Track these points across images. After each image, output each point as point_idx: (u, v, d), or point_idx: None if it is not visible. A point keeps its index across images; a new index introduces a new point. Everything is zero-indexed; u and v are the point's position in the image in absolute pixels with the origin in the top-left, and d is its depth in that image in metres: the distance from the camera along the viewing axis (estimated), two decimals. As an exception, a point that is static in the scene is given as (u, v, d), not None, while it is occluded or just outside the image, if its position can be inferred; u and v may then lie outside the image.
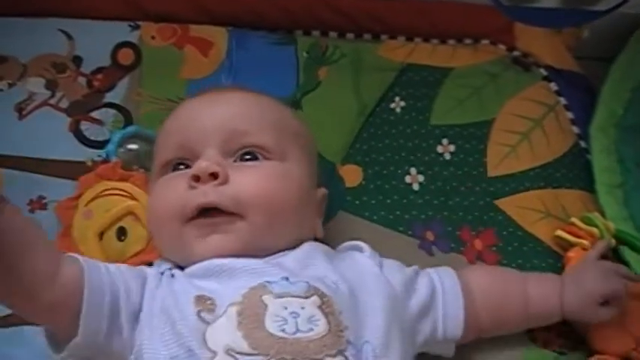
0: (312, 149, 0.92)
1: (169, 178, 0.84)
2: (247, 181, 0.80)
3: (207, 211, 0.79)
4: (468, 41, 1.21)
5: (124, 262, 0.93)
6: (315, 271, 0.78)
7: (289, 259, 0.80)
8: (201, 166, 0.80)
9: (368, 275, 0.81)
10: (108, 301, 0.73)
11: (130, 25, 1.16)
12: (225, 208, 0.78)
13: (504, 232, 1.01)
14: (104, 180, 0.99)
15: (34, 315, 0.75)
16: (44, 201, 0.99)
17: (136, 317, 0.75)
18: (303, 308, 0.71)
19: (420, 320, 0.82)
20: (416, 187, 1.05)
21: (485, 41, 1.21)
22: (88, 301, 0.72)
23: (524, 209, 1.04)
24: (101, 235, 0.96)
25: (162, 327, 0.73)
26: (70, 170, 1.01)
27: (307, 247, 0.82)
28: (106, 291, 0.74)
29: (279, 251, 0.81)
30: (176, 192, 0.81)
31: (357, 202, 1.03)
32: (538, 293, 0.89)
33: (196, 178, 0.80)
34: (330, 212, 0.97)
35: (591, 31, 1.20)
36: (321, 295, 0.73)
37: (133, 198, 0.97)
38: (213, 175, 0.79)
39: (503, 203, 1.04)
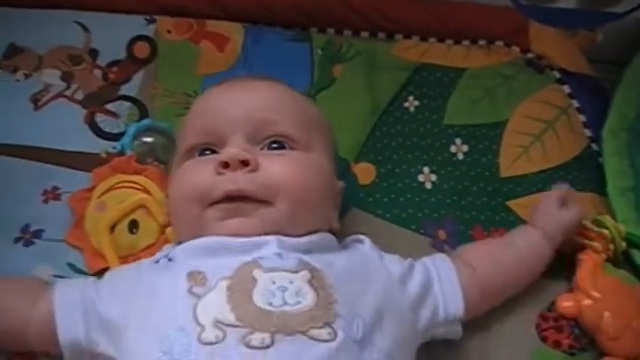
0: (332, 140, 0.93)
1: (196, 161, 0.85)
2: (277, 169, 0.80)
3: (232, 198, 0.79)
4: (482, 42, 1.21)
5: (134, 255, 0.94)
6: (311, 253, 0.78)
7: (293, 239, 0.80)
8: (231, 152, 0.80)
9: (367, 262, 0.82)
10: (81, 319, 0.79)
11: (145, 19, 1.17)
12: (254, 195, 0.79)
13: (516, 233, 1.02)
14: (118, 173, 0.99)
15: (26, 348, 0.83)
16: (58, 191, 0.99)
17: (110, 325, 0.78)
18: (291, 282, 0.72)
19: (419, 305, 0.82)
20: (429, 185, 1.05)
21: (499, 43, 1.21)
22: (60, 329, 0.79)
23: (536, 211, 1.04)
24: (113, 227, 0.96)
25: (151, 312, 0.74)
26: (85, 161, 1.01)
27: (315, 236, 0.82)
28: (77, 304, 0.80)
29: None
30: (202, 176, 0.81)
31: (370, 199, 1.03)
32: (519, 233, 0.94)
33: (225, 165, 0.80)
34: (343, 209, 0.97)
35: (605, 35, 1.20)
36: (312, 270, 0.74)
37: (146, 191, 0.98)
38: (244, 163, 0.80)
39: (514, 204, 1.04)
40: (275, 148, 0.84)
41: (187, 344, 0.69)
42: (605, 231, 0.98)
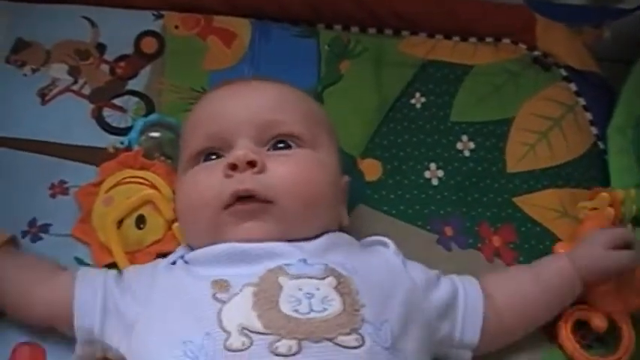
0: (336, 137, 0.93)
1: (203, 167, 0.85)
2: (284, 170, 0.81)
3: (242, 199, 0.80)
4: (489, 39, 1.21)
5: (141, 250, 0.95)
6: (334, 256, 0.79)
7: (311, 244, 0.80)
8: (239, 154, 0.81)
9: (390, 267, 0.82)
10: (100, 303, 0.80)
11: (153, 14, 1.17)
12: (262, 195, 0.79)
13: (523, 229, 1.02)
14: (126, 168, 0.99)
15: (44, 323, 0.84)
16: (66, 185, 0.99)
17: (125, 319, 0.78)
18: (318, 289, 0.72)
19: (439, 319, 0.82)
20: (435, 182, 1.05)
21: (506, 40, 1.21)
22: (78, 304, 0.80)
23: (542, 208, 1.04)
24: (120, 222, 0.96)
25: (174, 313, 0.74)
26: (92, 156, 1.01)
27: (331, 235, 0.83)
28: (98, 292, 0.81)
29: (306, 239, 0.81)
30: (211, 180, 0.82)
31: (376, 196, 1.03)
32: (545, 264, 0.90)
33: (233, 167, 0.80)
34: (350, 206, 0.96)
35: (612, 33, 1.20)
36: (338, 277, 0.74)
37: (153, 187, 0.98)
38: (251, 164, 0.80)
39: (521, 201, 1.05)
40: (281, 148, 0.84)
41: (213, 351, 0.69)
42: (616, 191, 1.00)
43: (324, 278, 0.73)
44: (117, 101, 1.08)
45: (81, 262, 0.94)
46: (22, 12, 1.13)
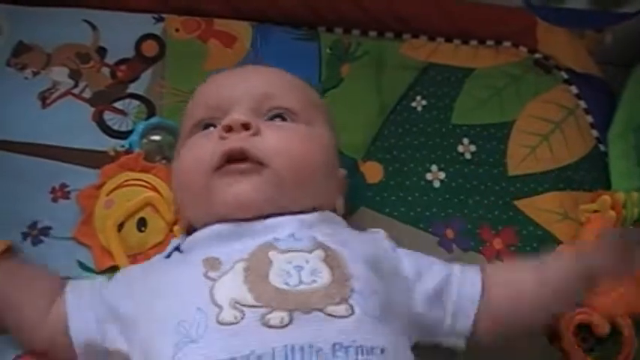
0: (334, 128, 0.93)
1: (199, 135, 0.86)
2: (278, 136, 0.82)
3: (235, 162, 0.80)
4: (490, 42, 1.21)
5: (143, 253, 0.95)
6: (324, 230, 0.79)
7: (301, 216, 0.80)
8: (234, 117, 0.82)
9: (379, 246, 0.83)
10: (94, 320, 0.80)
11: (154, 18, 1.17)
12: (254, 155, 0.79)
13: (524, 232, 1.02)
14: (126, 170, 0.99)
15: (36, 348, 0.84)
16: (67, 189, 0.99)
17: (122, 319, 0.78)
18: (307, 262, 0.73)
19: (426, 306, 0.81)
20: (436, 184, 1.05)
21: (507, 43, 1.21)
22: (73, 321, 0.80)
23: (543, 210, 1.04)
24: (122, 225, 0.96)
25: (169, 301, 0.74)
26: (93, 159, 1.01)
27: (323, 213, 0.83)
28: (87, 303, 0.81)
29: (297, 212, 0.81)
30: (206, 144, 0.82)
31: (378, 198, 1.03)
32: (551, 262, 0.85)
33: (228, 128, 0.81)
34: (352, 208, 0.97)
35: (613, 37, 1.20)
36: (326, 249, 0.75)
37: (154, 189, 0.98)
38: (245, 126, 0.81)
39: (522, 204, 1.05)
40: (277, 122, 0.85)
41: (205, 325, 0.69)
42: (618, 194, 1.00)
43: (312, 251, 0.74)
44: (118, 105, 1.08)
45: (82, 265, 0.94)
46: (23, 15, 1.13)
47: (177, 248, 0.83)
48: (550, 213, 1.04)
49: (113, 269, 0.93)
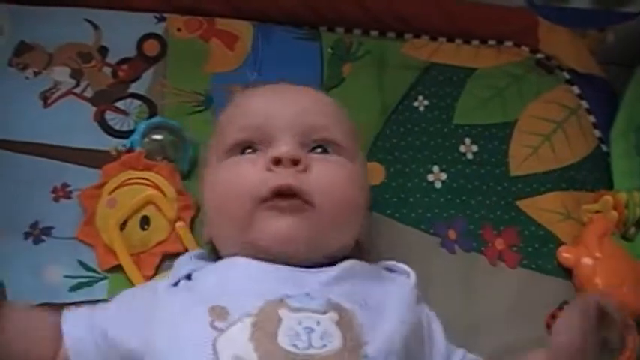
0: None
1: (240, 159, 0.83)
2: (326, 175, 0.79)
3: (281, 196, 0.77)
4: (491, 42, 1.21)
5: (146, 251, 0.95)
6: (344, 287, 0.76)
7: (321, 275, 0.77)
8: (282, 150, 0.79)
9: (404, 299, 0.79)
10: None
11: (155, 17, 1.16)
12: (304, 194, 0.77)
13: (526, 232, 1.02)
14: (128, 169, 0.99)
15: None
16: (68, 189, 0.99)
17: (128, 354, 0.76)
18: (318, 324, 0.70)
19: None
20: (438, 185, 1.05)
21: (508, 43, 1.21)
22: None
23: (545, 211, 1.04)
24: (125, 224, 0.96)
25: (173, 343, 0.72)
26: (95, 159, 1.01)
27: (349, 263, 0.79)
28: (88, 341, 0.78)
29: (324, 261, 0.78)
30: (251, 172, 0.79)
31: (380, 199, 1.03)
32: None
33: (277, 161, 0.78)
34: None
35: (616, 37, 1.20)
36: (340, 311, 0.71)
37: (156, 188, 0.98)
38: (294, 162, 0.79)
39: (524, 204, 1.04)
40: (320, 153, 0.83)
41: None
42: (620, 194, 1.00)
43: (325, 312, 0.71)
44: (119, 104, 1.08)
45: (84, 265, 0.94)
46: (25, 15, 1.13)
47: (187, 276, 0.80)
48: (552, 213, 1.04)
49: (116, 269, 0.94)
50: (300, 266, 0.77)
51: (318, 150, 0.83)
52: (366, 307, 0.74)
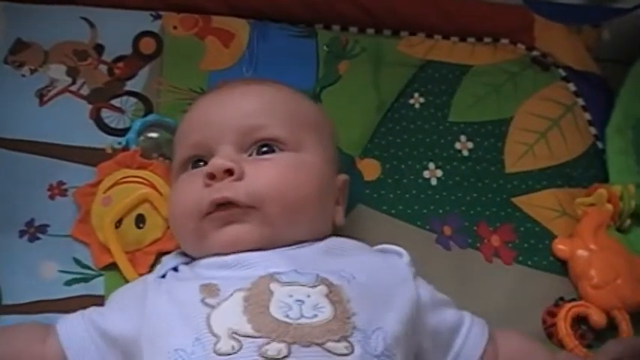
0: (331, 136, 0.93)
1: (187, 175, 0.87)
2: (261, 176, 0.82)
3: (222, 206, 0.81)
4: (487, 40, 1.21)
5: (141, 249, 0.95)
6: (329, 264, 0.79)
7: (305, 251, 0.81)
8: (216, 163, 0.82)
9: (397, 276, 0.81)
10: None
11: (151, 15, 1.16)
12: (241, 203, 0.80)
13: (522, 229, 1.02)
14: (123, 167, 0.99)
15: None
16: (64, 186, 0.99)
17: (123, 342, 0.78)
18: (308, 296, 0.72)
19: (432, 343, 0.80)
20: (434, 182, 1.05)
21: (504, 40, 1.21)
22: None
23: (541, 207, 1.05)
24: (120, 222, 0.96)
25: (166, 323, 0.74)
26: (90, 157, 1.01)
27: (332, 240, 0.83)
28: (83, 333, 0.79)
29: (299, 242, 0.82)
30: (192, 190, 0.84)
31: (375, 195, 1.03)
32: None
33: (211, 176, 0.82)
34: (349, 205, 0.96)
35: (611, 34, 1.20)
36: (329, 285, 0.74)
37: (152, 186, 0.98)
38: (229, 172, 0.81)
39: (519, 201, 1.05)
40: (265, 152, 0.85)
41: (203, 356, 0.69)
42: (615, 187, 1.01)
43: (314, 286, 0.73)
44: (115, 102, 1.08)
45: (79, 262, 0.94)
46: (21, 13, 1.13)
47: (174, 268, 0.83)
48: (548, 210, 1.04)
49: (111, 267, 0.93)
50: (284, 246, 0.80)
51: (264, 149, 0.85)
52: (354, 281, 0.76)
